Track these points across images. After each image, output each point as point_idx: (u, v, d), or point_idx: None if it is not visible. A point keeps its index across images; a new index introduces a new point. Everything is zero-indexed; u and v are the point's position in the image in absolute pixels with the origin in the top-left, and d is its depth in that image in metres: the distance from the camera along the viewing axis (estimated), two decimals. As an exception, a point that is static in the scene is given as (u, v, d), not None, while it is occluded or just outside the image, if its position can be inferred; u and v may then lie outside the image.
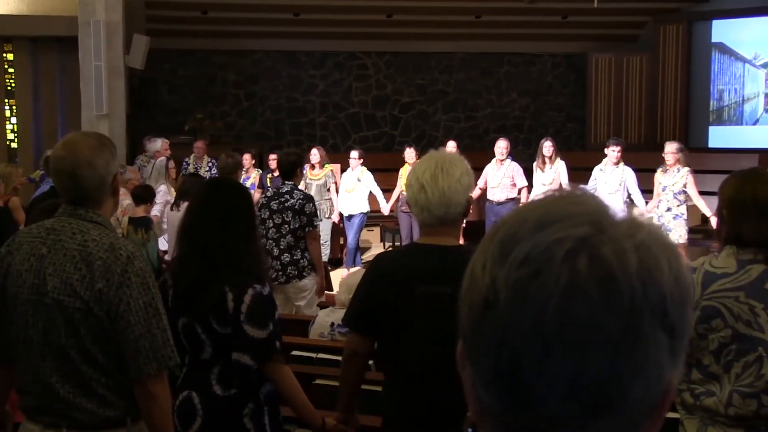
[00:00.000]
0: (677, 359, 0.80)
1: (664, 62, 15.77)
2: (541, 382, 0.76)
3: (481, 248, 0.83)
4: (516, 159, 10.75)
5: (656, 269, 0.77)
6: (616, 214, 0.81)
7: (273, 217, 6.71)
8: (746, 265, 2.75)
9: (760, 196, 2.78)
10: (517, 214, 0.83)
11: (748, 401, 2.69)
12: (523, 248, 0.78)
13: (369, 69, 16.39)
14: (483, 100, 16.60)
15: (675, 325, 0.78)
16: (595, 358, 0.75)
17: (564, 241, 0.77)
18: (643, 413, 0.79)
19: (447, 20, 15.44)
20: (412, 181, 2.88)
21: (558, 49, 16.49)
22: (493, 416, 0.82)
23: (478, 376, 0.81)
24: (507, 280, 0.77)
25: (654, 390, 0.78)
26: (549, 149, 10.29)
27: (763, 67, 15.30)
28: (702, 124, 15.79)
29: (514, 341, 0.77)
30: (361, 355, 3.08)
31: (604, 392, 0.76)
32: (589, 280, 0.75)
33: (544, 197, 0.84)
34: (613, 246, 0.77)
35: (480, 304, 0.80)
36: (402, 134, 16.26)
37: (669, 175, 9.35)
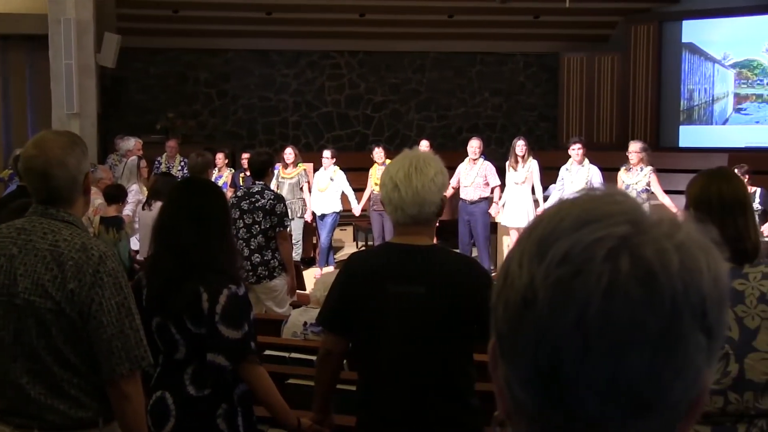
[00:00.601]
0: (713, 360, 0.80)
1: (635, 62, 15.89)
2: (580, 382, 0.76)
3: (517, 246, 0.82)
4: (489, 158, 10.77)
5: (696, 270, 0.78)
6: (653, 214, 0.81)
7: (243, 217, 6.69)
8: None
9: (725, 195, 2.81)
10: (553, 212, 0.82)
11: (715, 398, 2.72)
12: (562, 246, 0.77)
13: (342, 68, 16.37)
14: (456, 99, 16.63)
15: (713, 327, 0.78)
16: (636, 358, 0.75)
17: (605, 240, 0.76)
18: (679, 414, 0.79)
19: (420, 20, 15.46)
20: (385, 180, 2.87)
21: (530, 49, 16.55)
22: (527, 416, 0.81)
23: (514, 375, 0.80)
24: (546, 279, 0.77)
25: (691, 391, 0.78)
26: (522, 148, 10.33)
27: (732, 68, 15.46)
28: (673, 123, 15.92)
29: (554, 340, 0.76)
30: (335, 354, 3.08)
31: (643, 393, 0.76)
32: (630, 280, 0.75)
33: (580, 196, 0.84)
34: (654, 246, 0.77)
35: (517, 303, 0.79)
36: (375, 133, 16.25)
37: (632, 174, 9.44)
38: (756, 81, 15.31)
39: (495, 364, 0.84)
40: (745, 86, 15.42)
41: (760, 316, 2.70)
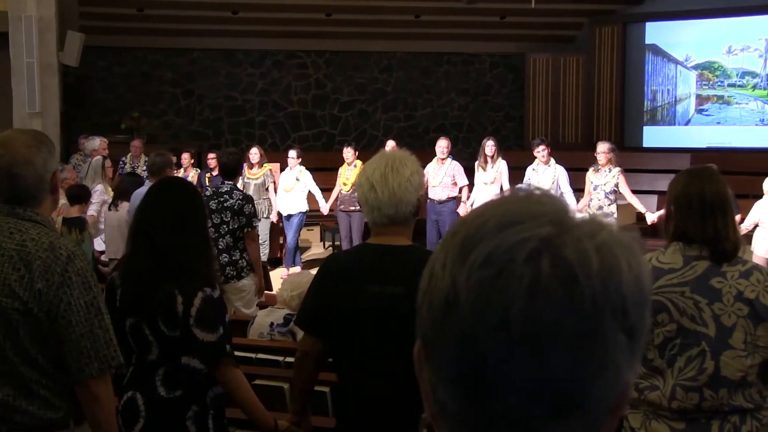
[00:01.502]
0: (635, 359, 0.80)
1: (599, 63, 16.03)
2: (503, 383, 0.76)
3: (442, 247, 0.82)
4: (456, 158, 10.81)
5: (617, 270, 0.77)
6: (577, 215, 0.80)
7: (212, 217, 6.65)
8: (692, 261, 2.80)
9: (706, 194, 2.84)
10: (477, 214, 0.82)
11: (691, 395, 2.74)
12: (484, 248, 0.77)
13: (308, 68, 16.33)
14: (422, 99, 16.67)
15: (634, 326, 0.78)
16: (558, 358, 0.75)
17: (527, 242, 0.76)
18: (602, 413, 0.79)
19: (386, 20, 15.47)
20: (362, 181, 2.86)
21: (496, 50, 16.63)
22: (452, 418, 0.81)
23: (439, 378, 0.80)
24: (468, 281, 0.77)
25: (613, 390, 0.78)
26: (491, 149, 10.36)
27: (694, 69, 15.65)
28: (636, 124, 16.08)
29: (477, 342, 0.76)
30: (313, 355, 3.06)
31: (566, 393, 0.76)
32: (551, 281, 0.75)
33: (505, 197, 0.83)
34: (575, 246, 0.77)
35: (440, 305, 0.79)
36: (342, 133, 16.24)
37: (601, 175, 9.50)
38: (717, 82, 15.50)
39: (420, 367, 0.84)
40: (707, 87, 15.62)
41: (737, 314, 2.73)
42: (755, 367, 2.75)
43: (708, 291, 2.76)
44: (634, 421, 2.86)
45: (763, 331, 2.74)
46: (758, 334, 2.74)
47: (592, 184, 9.54)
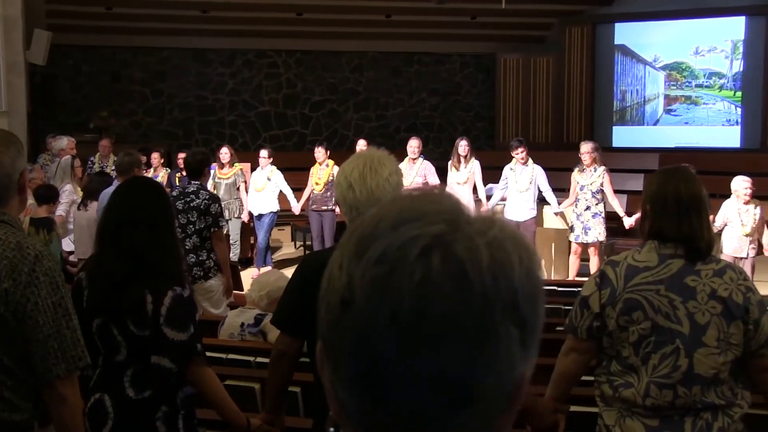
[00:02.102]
0: (529, 352, 0.81)
1: (569, 63, 16.13)
2: (397, 379, 0.77)
3: (339, 248, 0.83)
4: (427, 158, 10.82)
5: (507, 264, 0.79)
6: (472, 213, 0.82)
7: (178, 217, 6.60)
8: (667, 260, 2.83)
9: (682, 193, 2.86)
10: (374, 214, 0.83)
11: (665, 392, 2.76)
12: (378, 246, 0.78)
13: (279, 67, 16.30)
14: (393, 99, 16.68)
15: (526, 319, 0.79)
16: (451, 353, 0.76)
17: (419, 239, 0.78)
18: (498, 406, 0.80)
19: (357, 19, 15.46)
20: (340, 180, 2.85)
21: (467, 50, 16.69)
22: (352, 415, 0.82)
23: (338, 376, 0.81)
24: (362, 279, 0.78)
25: (507, 382, 0.79)
26: (464, 148, 10.38)
27: (662, 69, 15.79)
28: (606, 123, 16.20)
29: (371, 339, 0.77)
30: (289, 355, 3.05)
31: (460, 386, 0.77)
32: (442, 277, 0.76)
33: (401, 196, 0.85)
34: (465, 243, 0.78)
35: (337, 304, 0.80)
36: (313, 133, 16.21)
37: (586, 175, 9.54)
38: (685, 83, 15.66)
39: (322, 366, 0.84)
40: (675, 88, 15.77)
41: (710, 312, 2.76)
42: (728, 364, 2.77)
43: (682, 289, 2.78)
44: (609, 419, 2.88)
45: (736, 328, 2.77)
46: (731, 332, 2.77)
47: (578, 185, 9.57)
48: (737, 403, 2.81)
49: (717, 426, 2.76)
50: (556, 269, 10.42)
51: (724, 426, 2.77)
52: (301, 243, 12.66)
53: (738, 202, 8.57)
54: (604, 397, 2.90)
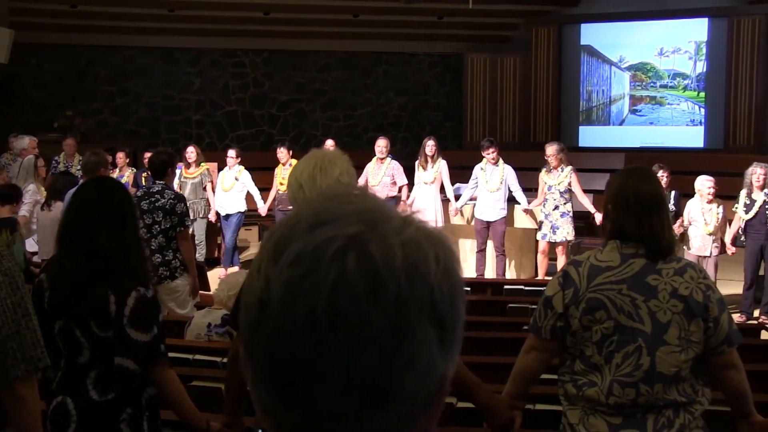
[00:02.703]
0: (449, 351, 0.81)
1: (536, 63, 16.22)
2: (314, 379, 0.77)
3: (259, 251, 0.84)
4: (395, 157, 10.83)
5: (423, 263, 0.79)
6: (392, 213, 0.82)
7: (143, 217, 6.55)
8: (629, 259, 2.85)
9: (642, 193, 2.89)
10: (292, 216, 0.83)
11: (628, 390, 2.79)
12: (295, 248, 0.79)
13: (246, 67, 16.23)
14: (361, 98, 16.67)
15: (445, 318, 0.80)
16: (366, 352, 0.76)
17: (334, 240, 0.78)
18: (417, 405, 0.80)
19: (324, 19, 15.44)
20: (291, 181, 2.85)
21: (434, 49, 16.72)
22: (272, 416, 0.82)
23: (257, 377, 0.82)
24: (279, 280, 0.78)
25: (426, 381, 0.79)
26: (431, 148, 10.39)
27: (627, 70, 15.93)
28: (572, 123, 16.31)
29: (288, 339, 0.77)
30: None
31: (376, 386, 0.77)
32: (356, 277, 0.76)
33: (318, 197, 0.85)
34: (380, 243, 0.78)
35: (255, 305, 0.80)
36: (280, 133, 16.16)
37: (554, 175, 9.59)
38: (650, 83, 15.82)
39: (245, 368, 0.85)
40: (640, 88, 15.92)
41: (672, 310, 2.79)
42: (689, 362, 2.81)
43: (644, 288, 2.81)
44: (573, 417, 2.90)
45: (696, 326, 2.80)
46: (692, 330, 2.80)
47: (546, 185, 9.62)
48: (698, 400, 2.85)
49: (678, 423, 2.79)
50: (524, 269, 10.47)
51: (685, 423, 2.80)
52: (268, 243, 12.60)
53: (701, 202, 8.66)
54: (568, 395, 2.92)
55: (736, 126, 15.01)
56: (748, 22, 14.83)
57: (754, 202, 8.65)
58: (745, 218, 8.69)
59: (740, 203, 8.76)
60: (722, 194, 9.02)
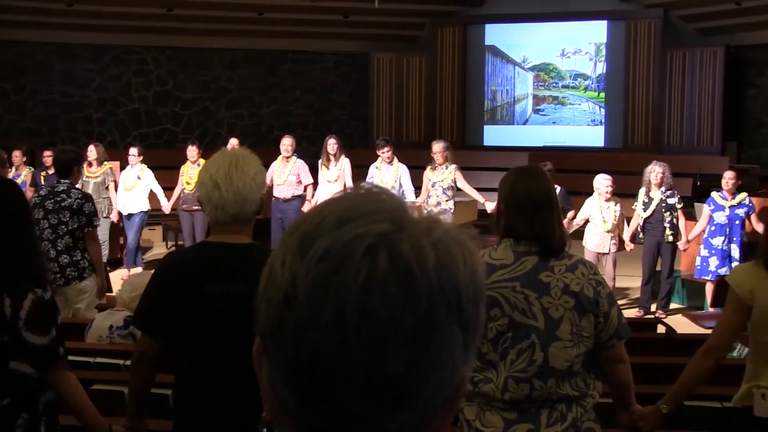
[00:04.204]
0: (470, 354, 0.81)
1: (441, 63, 16.38)
2: (340, 378, 0.76)
3: (281, 244, 0.82)
4: (301, 156, 10.80)
5: (453, 266, 0.79)
6: (415, 212, 0.82)
7: (48, 217, 6.39)
8: (522, 257, 2.90)
9: (533, 192, 2.94)
10: (317, 211, 0.82)
11: (522, 386, 2.84)
12: (322, 244, 0.77)
13: (149, 64, 15.95)
14: (267, 97, 16.58)
15: (469, 321, 0.80)
16: (394, 352, 0.76)
17: (364, 238, 0.77)
18: (437, 406, 0.80)
19: (229, 16, 15.29)
20: (205, 179, 2.81)
21: (341, 48, 16.73)
22: (291, 413, 0.81)
23: (277, 373, 0.80)
24: (306, 276, 0.77)
25: (448, 383, 0.79)
26: (333, 147, 10.40)
27: (530, 70, 16.24)
28: (477, 123, 16.54)
29: (314, 337, 0.76)
30: (151, 356, 2.98)
31: (401, 386, 0.77)
32: (387, 276, 0.76)
33: (345, 195, 0.84)
34: (411, 243, 0.78)
35: (279, 301, 0.79)
36: (184, 131, 15.94)
37: (438, 172, 9.70)
38: (552, 84, 16.16)
39: (259, 364, 0.84)
40: (543, 88, 16.25)
41: (564, 306, 2.85)
42: (580, 356, 2.87)
43: (537, 285, 2.86)
44: (469, 413, 2.93)
45: (587, 321, 2.87)
46: (583, 325, 2.86)
47: (430, 182, 9.73)
48: (590, 394, 2.92)
49: (571, 416, 2.86)
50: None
51: (577, 416, 2.87)
52: (172, 243, 12.44)
53: (600, 200, 8.88)
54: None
55: (634, 126, 15.46)
56: (644, 25, 15.29)
57: (651, 200, 8.91)
58: (644, 216, 8.94)
59: (639, 201, 9.01)
60: (621, 192, 9.28)
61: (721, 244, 8.63)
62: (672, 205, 8.85)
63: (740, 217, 8.66)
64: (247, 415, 2.79)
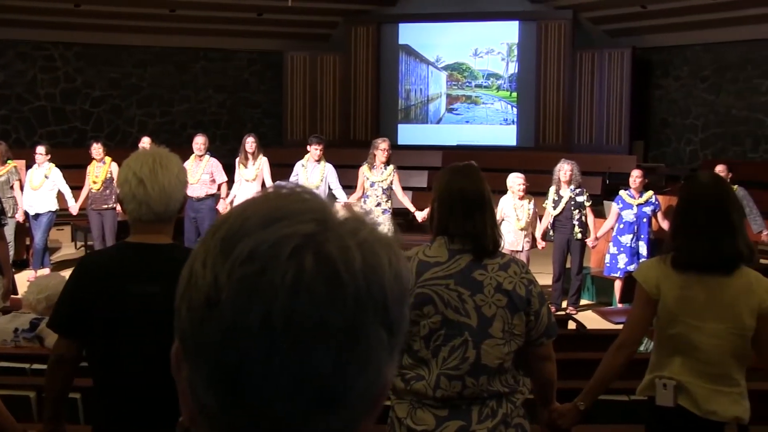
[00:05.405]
0: (394, 355, 0.81)
1: (355, 62, 16.41)
2: (265, 381, 0.75)
3: (201, 245, 0.80)
4: (214, 155, 10.69)
5: (378, 267, 0.78)
6: (340, 213, 0.81)
7: (-51, 217, 6.19)
8: (456, 255, 2.93)
9: (466, 191, 2.97)
10: (239, 211, 0.80)
11: (454, 383, 2.86)
12: (247, 245, 0.76)
13: (56, 60, 15.56)
14: (179, 95, 16.36)
15: (394, 322, 0.79)
16: (321, 354, 0.75)
17: (290, 238, 0.76)
18: (363, 408, 0.80)
19: (140, 13, 15.01)
20: (128, 177, 2.76)
21: (254, 46, 16.62)
22: (212, 418, 0.79)
23: (199, 377, 0.78)
24: (230, 278, 0.75)
25: (374, 385, 0.79)
26: (251, 145, 10.34)
27: (444, 70, 16.39)
28: (391, 121, 16.61)
29: (239, 340, 0.75)
30: (68, 359, 2.91)
31: (328, 388, 0.76)
32: (314, 278, 0.75)
33: (267, 195, 0.83)
34: (338, 244, 0.77)
35: (200, 303, 0.77)
36: (94, 129, 15.61)
37: (377, 172, 9.68)
38: (465, 83, 16.34)
39: (179, 367, 0.82)
40: (456, 88, 16.42)
41: (496, 304, 2.89)
42: (511, 354, 2.92)
43: (471, 283, 2.89)
44: (400, 411, 2.94)
45: (519, 320, 2.92)
46: (514, 323, 2.91)
47: (368, 180, 9.69)
48: (519, 390, 2.97)
49: (501, 412, 2.90)
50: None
51: (507, 412, 2.91)
52: (81, 243, 12.18)
53: (513, 198, 9.01)
54: (396, 390, 2.96)
55: (545, 125, 15.73)
56: (554, 26, 15.58)
57: (561, 198, 9.08)
58: (554, 214, 9.11)
59: (549, 199, 9.17)
60: (534, 191, 9.42)
61: (630, 242, 8.85)
62: (581, 203, 9.04)
63: (647, 215, 8.89)
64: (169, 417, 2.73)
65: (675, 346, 3.12)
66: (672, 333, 3.11)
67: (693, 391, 3.07)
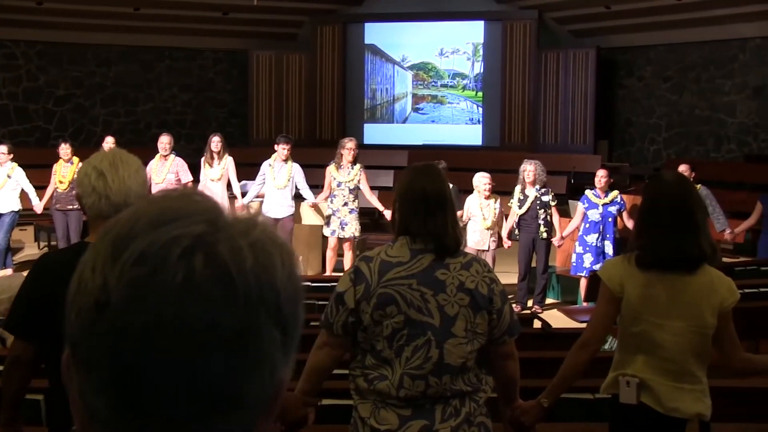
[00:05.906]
0: (289, 355, 0.80)
1: (321, 61, 16.38)
2: (157, 385, 0.73)
3: (91, 249, 0.79)
4: (179, 154, 10.62)
5: (270, 267, 0.78)
6: (232, 214, 0.80)
7: None
8: (418, 255, 2.93)
9: (427, 191, 2.97)
10: (130, 213, 0.79)
11: (417, 383, 2.87)
12: (137, 246, 0.75)
13: (18, 59, 15.37)
14: (144, 94, 16.23)
15: (288, 322, 0.79)
16: (213, 357, 0.74)
17: (180, 240, 0.75)
18: (258, 410, 0.79)
19: (104, 11, 14.87)
20: (88, 171, 2.75)
21: (219, 45, 16.53)
22: (103, 424, 0.77)
23: (89, 384, 0.76)
24: (120, 280, 0.74)
25: (268, 386, 0.78)
26: (217, 145, 10.29)
27: (410, 69, 16.41)
28: (357, 121, 16.61)
29: (130, 343, 0.73)
30: (24, 361, 2.88)
31: (222, 391, 0.75)
32: (205, 279, 0.74)
33: (157, 196, 0.82)
34: (228, 244, 0.76)
35: (90, 307, 0.75)
36: (57, 128, 15.44)
37: (344, 171, 9.67)
38: (431, 83, 16.38)
39: (69, 375, 0.80)
40: (422, 87, 16.45)
41: (459, 303, 2.89)
42: (474, 353, 2.93)
43: (433, 282, 2.89)
44: (364, 411, 2.94)
45: (482, 318, 2.92)
46: (477, 322, 2.92)
47: (335, 180, 9.68)
48: (482, 389, 2.98)
49: (465, 411, 2.91)
50: (311, 265, 10.55)
51: (470, 410, 2.92)
52: (45, 243, 12.06)
53: (479, 197, 9.05)
54: (359, 390, 2.96)
55: (511, 125, 15.81)
56: (520, 26, 15.66)
57: (527, 197, 9.14)
58: (519, 213, 9.16)
59: (515, 199, 9.23)
60: (499, 190, 9.47)
61: (595, 241, 8.92)
62: (546, 202, 9.10)
63: (613, 215, 8.97)
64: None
65: (638, 344, 3.15)
66: (635, 331, 3.14)
67: (656, 388, 3.11)
